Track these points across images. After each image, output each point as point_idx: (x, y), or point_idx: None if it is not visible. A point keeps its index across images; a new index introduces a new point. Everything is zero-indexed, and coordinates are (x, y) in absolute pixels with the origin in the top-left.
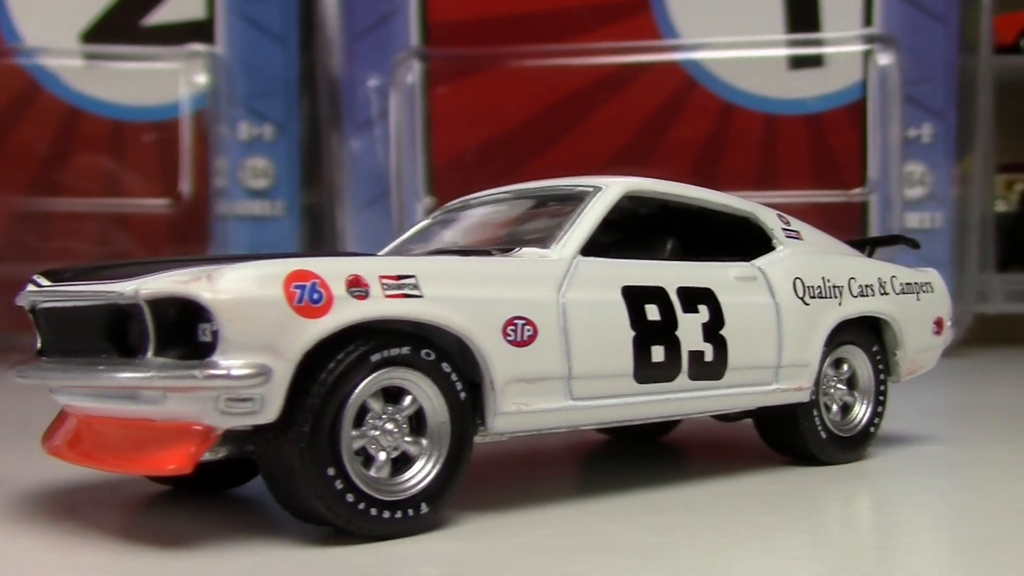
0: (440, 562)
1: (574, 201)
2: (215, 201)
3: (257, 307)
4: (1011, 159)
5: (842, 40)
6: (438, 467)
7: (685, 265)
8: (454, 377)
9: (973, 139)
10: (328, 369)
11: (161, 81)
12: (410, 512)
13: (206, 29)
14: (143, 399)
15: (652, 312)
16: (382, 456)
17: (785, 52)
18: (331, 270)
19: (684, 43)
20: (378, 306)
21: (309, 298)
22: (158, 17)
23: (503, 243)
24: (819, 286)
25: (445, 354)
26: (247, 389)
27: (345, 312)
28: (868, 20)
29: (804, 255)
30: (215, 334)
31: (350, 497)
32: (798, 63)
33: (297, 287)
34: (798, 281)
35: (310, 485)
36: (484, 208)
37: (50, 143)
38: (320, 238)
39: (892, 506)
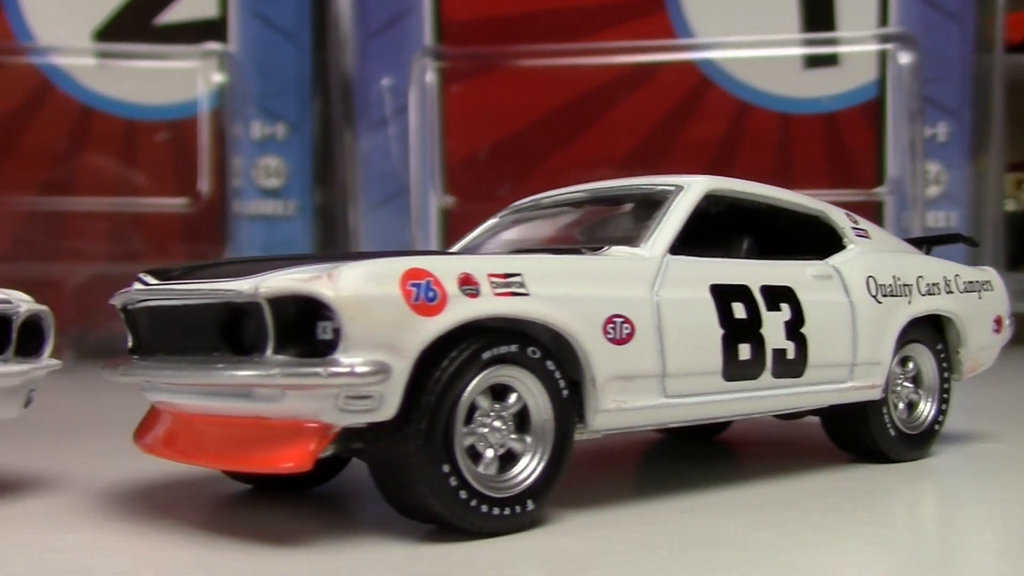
0: (557, 559)
1: (656, 200)
2: (231, 200)
3: (377, 305)
4: (1020, 158)
5: (857, 39)
6: (542, 464)
7: (766, 263)
8: (558, 375)
9: (987, 138)
10: (442, 367)
11: (177, 80)
12: (517, 509)
13: (219, 28)
14: (258, 397)
15: (739, 310)
16: (489, 453)
17: (800, 51)
18: (444, 268)
19: (699, 42)
20: (489, 304)
21: (425, 296)
22: (171, 16)
23: (585, 242)
24: (890, 284)
25: (549, 352)
26: (368, 387)
27: (459, 310)
28: (884, 19)
29: (874, 253)
30: (336, 332)
31: (463, 494)
32: (813, 62)
33: (413, 285)
34: (871, 279)
35: (426, 482)
36: (559, 207)
37: (63, 142)
38: (332, 237)
39: (978, 503)
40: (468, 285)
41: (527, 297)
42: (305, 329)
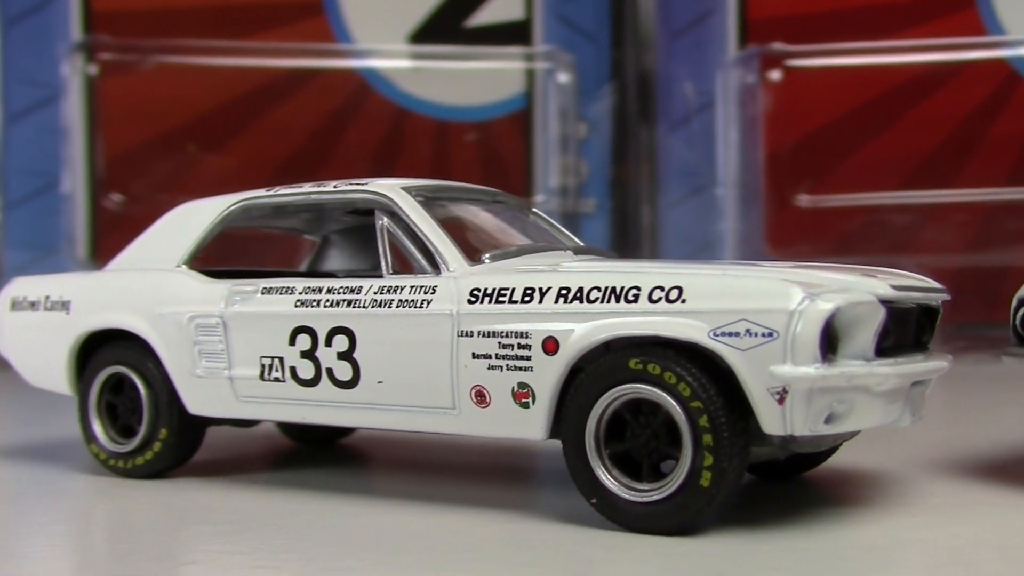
0: None
1: None
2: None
3: None
4: None
5: None
6: None
7: None
8: None
9: None
10: None
11: (498, 80)
12: None
13: (524, 29)
14: None
15: None
16: None
17: None
18: None
19: (1007, 39)
20: None
21: None
22: (480, 18)
23: None
24: None
25: None
26: None
27: None
28: None
29: None
30: None
31: None
32: None
33: None
34: None
35: None
36: None
37: (380, 144)
38: (627, 235)
39: None
40: None
41: None
42: None
